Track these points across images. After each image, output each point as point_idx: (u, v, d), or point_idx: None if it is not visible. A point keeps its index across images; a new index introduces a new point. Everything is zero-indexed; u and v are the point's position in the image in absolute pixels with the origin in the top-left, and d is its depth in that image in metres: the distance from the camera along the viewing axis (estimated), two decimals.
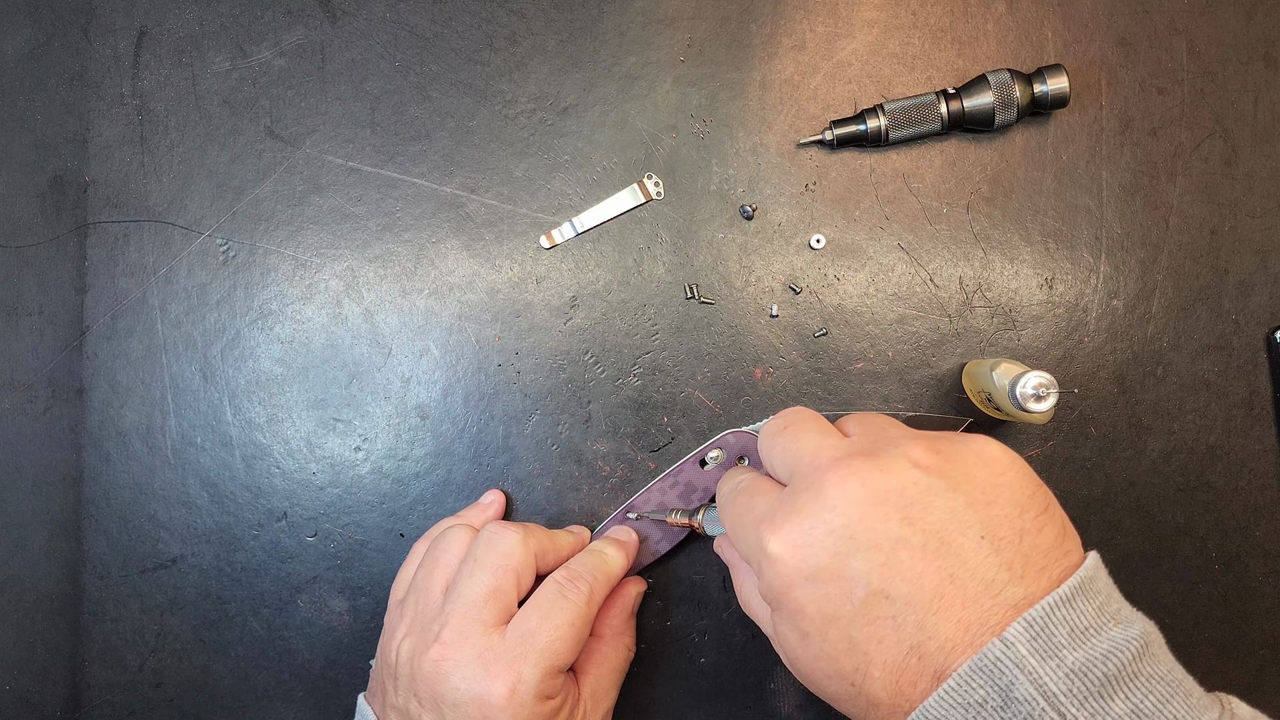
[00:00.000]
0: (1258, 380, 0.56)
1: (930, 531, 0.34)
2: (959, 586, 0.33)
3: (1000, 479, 0.36)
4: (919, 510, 0.34)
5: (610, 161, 0.56)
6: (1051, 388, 0.46)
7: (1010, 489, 0.35)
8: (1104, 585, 0.34)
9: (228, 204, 0.56)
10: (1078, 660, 0.31)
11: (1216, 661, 0.56)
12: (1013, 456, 0.37)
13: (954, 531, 0.34)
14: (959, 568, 0.33)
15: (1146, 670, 0.31)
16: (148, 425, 0.56)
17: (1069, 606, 0.32)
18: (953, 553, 0.34)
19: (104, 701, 0.57)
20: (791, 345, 0.56)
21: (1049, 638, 0.31)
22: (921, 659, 0.33)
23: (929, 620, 0.33)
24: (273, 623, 0.56)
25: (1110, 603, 0.33)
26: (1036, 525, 0.35)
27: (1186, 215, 0.56)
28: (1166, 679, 0.32)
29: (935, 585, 0.33)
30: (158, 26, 0.57)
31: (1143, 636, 0.32)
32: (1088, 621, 0.32)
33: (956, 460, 0.36)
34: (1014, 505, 0.35)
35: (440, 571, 0.47)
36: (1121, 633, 0.32)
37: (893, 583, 0.34)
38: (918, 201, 0.56)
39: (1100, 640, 0.32)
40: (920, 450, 0.36)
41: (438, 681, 0.43)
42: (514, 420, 0.56)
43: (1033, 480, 0.36)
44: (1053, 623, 0.32)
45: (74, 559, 0.56)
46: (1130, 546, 0.56)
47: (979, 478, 0.35)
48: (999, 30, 0.56)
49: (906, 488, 0.35)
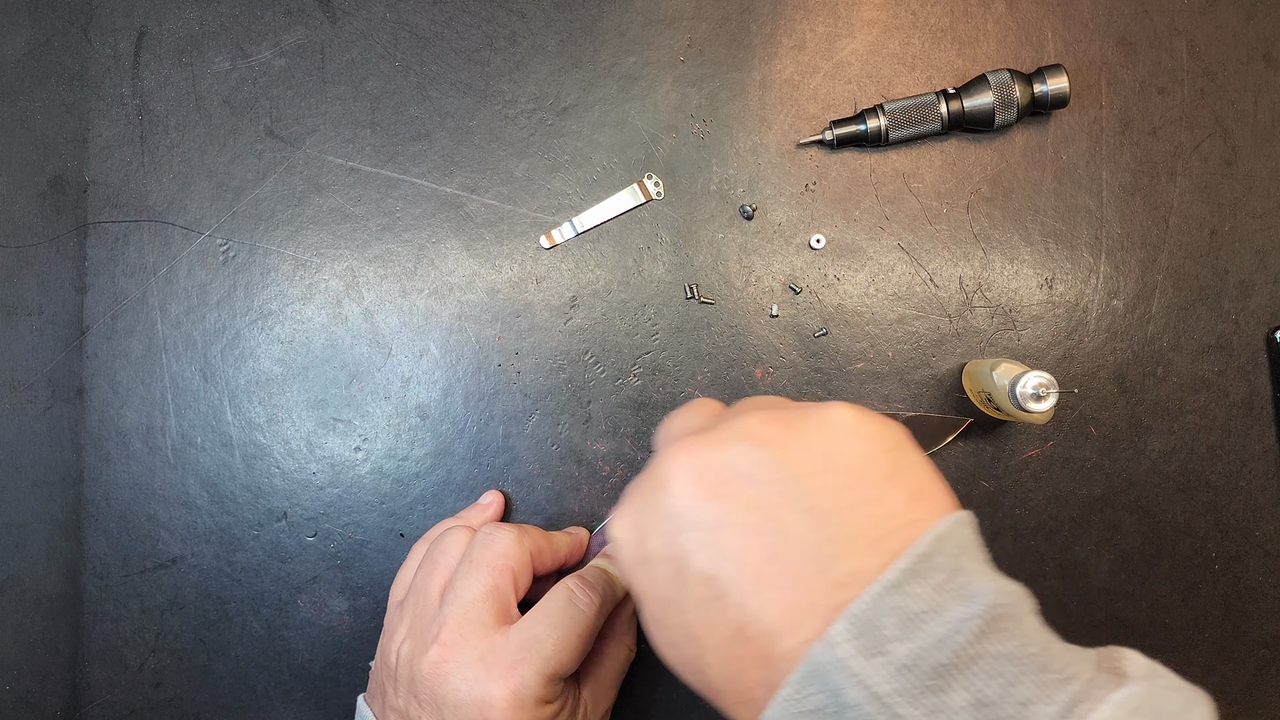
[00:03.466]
0: (1258, 380, 0.56)
1: (755, 507, 0.32)
2: (781, 565, 0.31)
3: (837, 445, 0.32)
4: (744, 485, 0.32)
5: (610, 161, 0.56)
6: (1051, 388, 0.46)
7: (847, 455, 0.32)
8: (948, 559, 0.30)
9: (228, 204, 0.56)
10: (907, 653, 0.28)
11: (1216, 661, 0.56)
12: (858, 420, 0.33)
13: (780, 506, 0.31)
14: (781, 545, 0.31)
15: (992, 650, 0.28)
16: (148, 425, 0.56)
17: (898, 592, 0.29)
18: (776, 529, 0.31)
19: (104, 701, 0.57)
20: (791, 345, 0.56)
21: (875, 632, 0.28)
22: (747, 643, 0.31)
23: (751, 602, 0.31)
24: (273, 623, 0.56)
25: (956, 577, 0.30)
26: (875, 494, 0.31)
27: (1186, 215, 0.56)
28: (1015, 656, 0.28)
29: (756, 564, 0.31)
30: (158, 26, 0.57)
31: (988, 611, 0.28)
32: (921, 605, 0.29)
33: (793, 429, 0.33)
34: (849, 473, 0.32)
35: (438, 573, 0.47)
36: (962, 611, 0.28)
37: (716, 563, 0.31)
38: (918, 201, 0.56)
39: (935, 625, 0.28)
40: (756, 421, 0.33)
41: (438, 683, 0.43)
42: (514, 420, 0.56)
43: (878, 445, 0.33)
44: (879, 613, 0.29)
45: (74, 559, 0.56)
46: (1130, 546, 0.56)
47: (813, 446, 0.32)
48: (999, 30, 0.56)
49: (734, 461, 0.32)
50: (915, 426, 0.55)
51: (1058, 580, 0.56)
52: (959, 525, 0.31)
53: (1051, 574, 0.56)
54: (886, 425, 0.34)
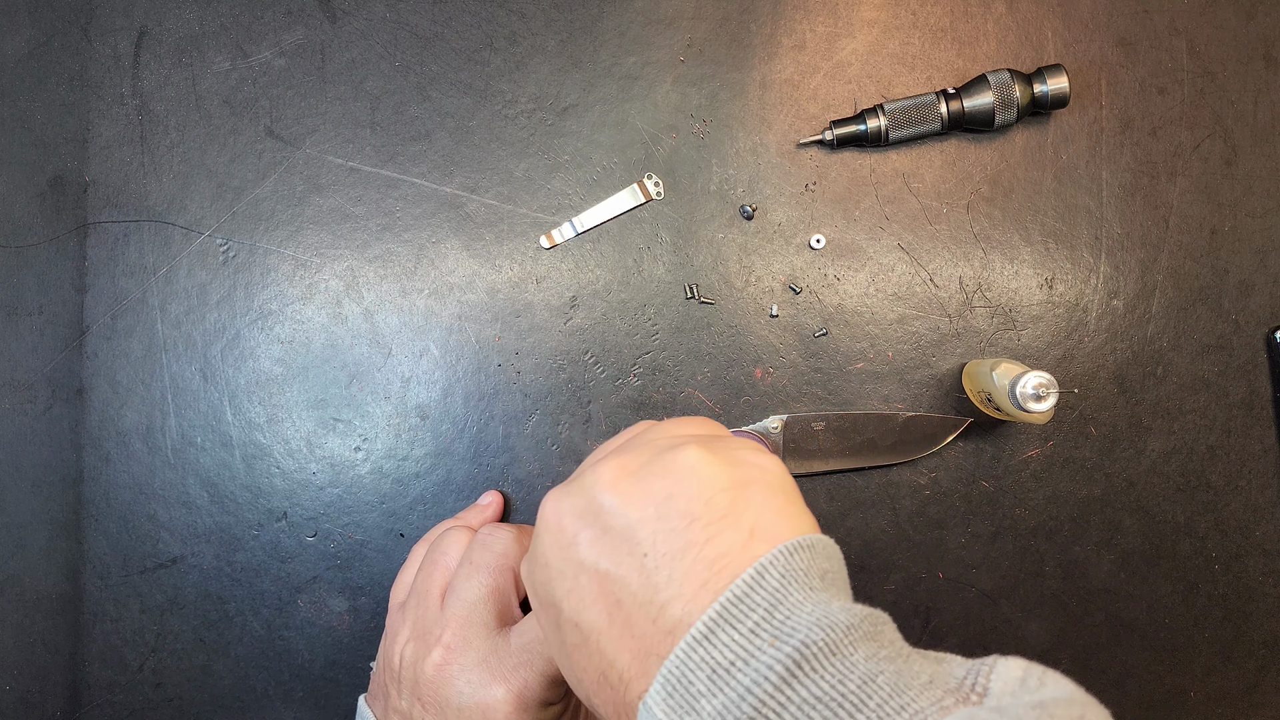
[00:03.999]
0: (1257, 380, 0.56)
1: (605, 554, 0.32)
2: (625, 612, 0.31)
3: (677, 488, 0.32)
4: (597, 533, 0.33)
5: (610, 161, 0.56)
6: (1051, 388, 0.46)
7: (685, 498, 0.32)
8: (766, 595, 0.29)
9: (228, 204, 0.56)
10: (714, 709, 0.27)
11: (1216, 662, 0.56)
12: (700, 461, 0.33)
13: (623, 553, 0.32)
14: (624, 591, 0.31)
15: (800, 694, 0.26)
16: (148, 425, 0.56)
17: (708, 643, 0.28)
18: (620, 576, 0.31)
19: (104, 701, 0.57)
20: (791, 345, 0.56)
21: (686, 688, 0.28)
22: (609, 687, 0.31)
23: (608, 648, 0.31)
24: (273, 623, 0.56)
25: (775, 613, 0.29)
26: (705, 535, 0.31)
27: (1186, 215, 0.56)
28: (827, 698, 0.26)
29: (606, 611, 0.32)
30: (158, 26, 0.57)
31: (797, 652, 0.27)
32: (733, 653, 0.28)
33: (638, 474, 0.34)
34: (684, 516, 0.32)
35: (439, 574, 0.47)
36: (770, 655, 0.27)
37: (579, 610, 0.32)
38: (918, 201, 0.56)
39: (742, 675, 0.27)
40: (608, 469, 0.34)
41: (442, 685, 0.43)
42: (514, 420, 0.56)
43: (715, 485, 0.32)
44: (690, 668, 0.28)
45: (74, 559, 0.56)
46: (1130, 546, 0.56)
47: (655, 490, 0.33)
48: (999, 30, 0.56)
49: (588, 510, 0.33)
50: (914, 427, 0.55)
51: (1058, 580, 0.56)
52: (788, 554, 0.30)
53: (1051, 574, 0.56)
54: (732, 464, 0.33)
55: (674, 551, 0.31)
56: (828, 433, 0.55)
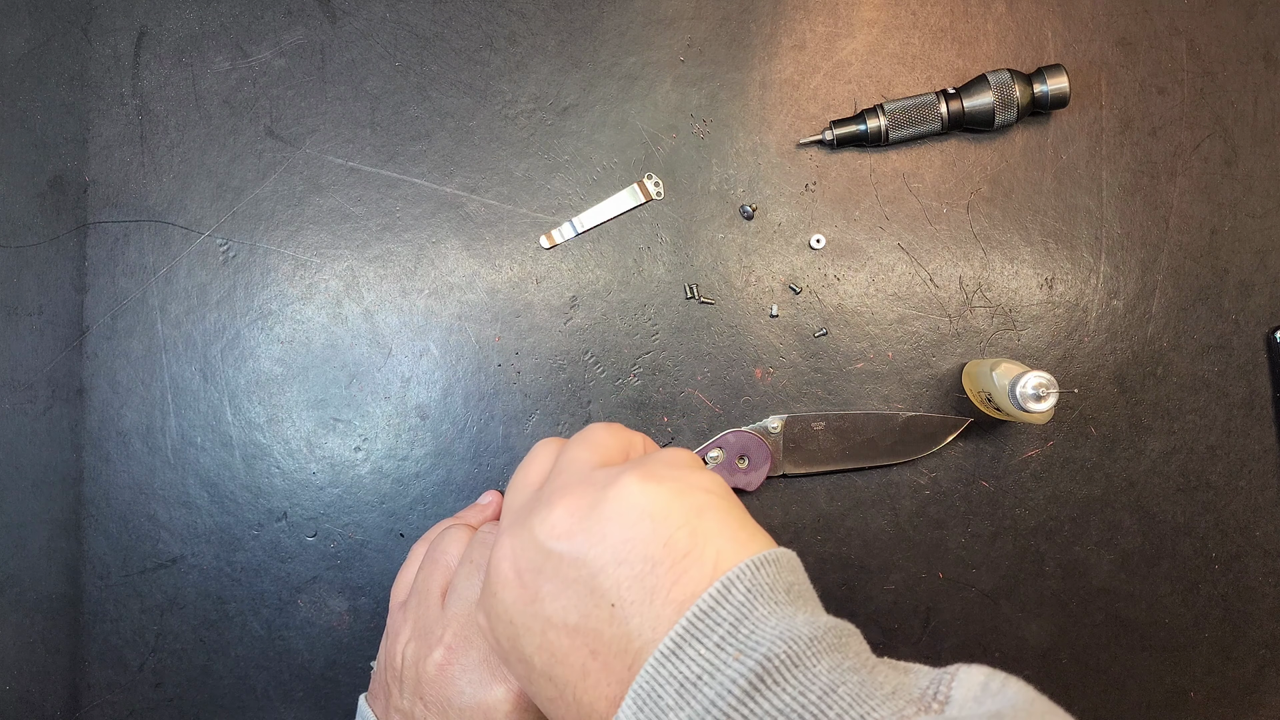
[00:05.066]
0: (1258, 380, 0.56)
1: (572, 608, 0.32)
2: (601, 661, 0.31)
3: (633, 532, 0.32)
4: (559, 585, 0.32)
5: (610, 161, 0.56)
6: (1051, 388, 0.46)
7: (642, 541, 0.32)
8: (732, 609, 0.29)
9: (228, 204, 0.56)
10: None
11: (1216, 662, 0.56)
12: (650, 499, 0.33)
13: (590, 605, 0.32)
14: (598, 643, 0.31)
15: (762, 707, 0.27)
16: (148, 425, 0.56)
17: (676, 659, 0.28)
18: (593, 629, 0.31)
19: (104, 702, 0.57)
20: (791, 345, 0.56)
21: (656, 703, 0.28)
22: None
23: (584, 698, 0.31)
24: (273, 623, 0.56)
25: (741, 627, 0.29)
26: (672, 578, 0.31)
27: (1186, 215, 0.56)
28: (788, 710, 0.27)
29: (581, 663, 0.32)
30: (158, 26, 0.57)
31: (760, 665, 0.27)
32: (700, 667, 0.28)
33: (589, 519, 0.33)
34: (646, 561, 0.31)
35: (439, 573, 0.47)
36: (735, 669, 0.27)
37: (550, 664, 0.32)
38: (918, 201, 0.56)
39: (707, 688, 0.28)
40: (559, 515, 0.34)
41: (444, 685, 0.43)
42: (514, 420, 0.56)
43: (671, 523, 0.32)
44: (659, 683, 0.28)
45: (74, 559, 0.56)
46: (1130, 546, 0.56)
47: (612, 535, 0.32)
48: (999, 30, 0.56)
49: (545, 563, 0.33)
50: (914, 427, 0.55)
51: (1058, 580, 0.56)
52: (754, 569, 0.30)
53: (1052, 574, 0.56)
54: (679, 494, 0.33)
55: (641, 598, 0.31)
56: (828, 433, 0.55)
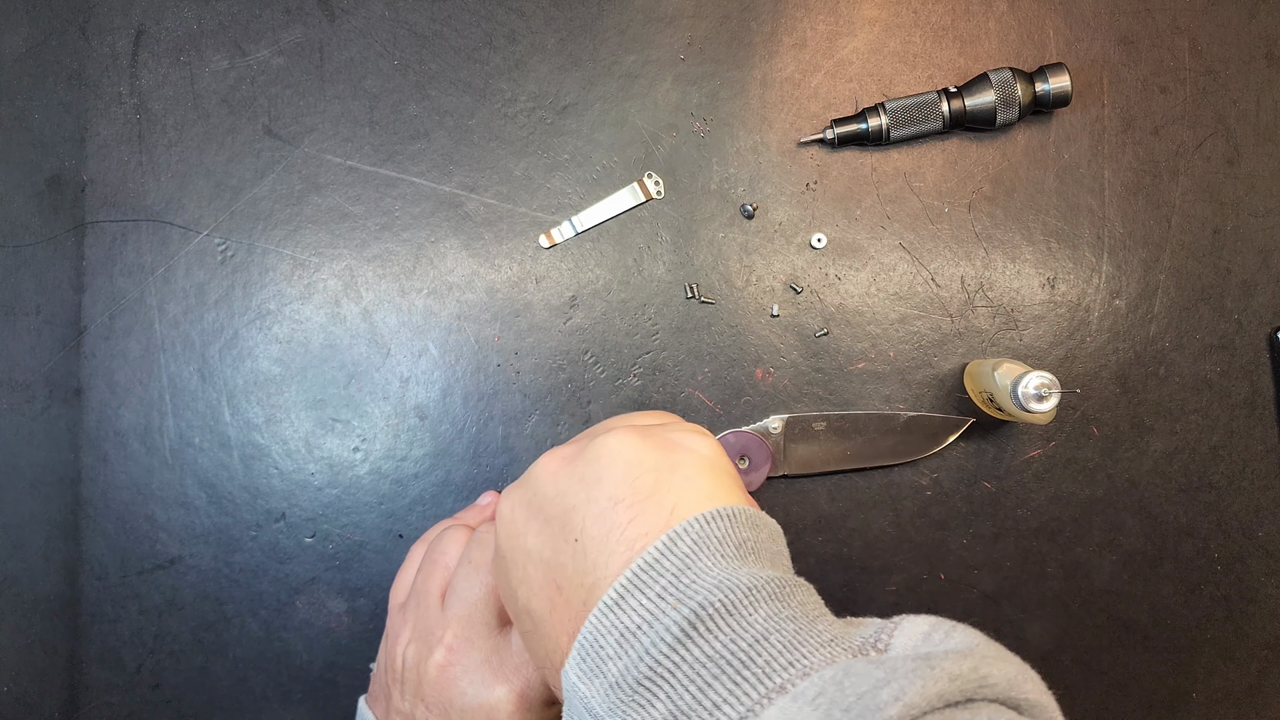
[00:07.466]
0: (1260, 380, 0.56)
1: (547, 543, 0.33)
2: (565, 596, 0.32)
3: (605, 472, 0.33)
4: (541, 522, 0.34)
5: (610, 160, 0.56)
6: (1053, 388, 0.46)
7: (610, 481, 0.33)
8: (677, 560, 0.29)
9: (226, 203, 0.56)
10: (618, 670, 0.28)
11: (1219, 663, 0.56)
12: (624, 444, 0.33)
13: (560, 540, 0.32)
14: (562, 576, 0.32)
15: (693, 654, 0.27)
16: (146, 425, 0.56)
17: (619, 609, 0.29)
18: (560, 563, 0.32)
19: (102, 703, 0.56)
20: (792, 345, 0.56)
21: (598, 652, 0.29)
22: (554, 672, 0.32)
23: (549, 632, 0.32)
24: (271, 624, 0.56)
25: (683, 577, 0.29)
26: (628, 516, 0.31)
27: (1189, 214, 0.56)
28: (718, 656, 0.26)
29: (549, 596, 0.32)
30: (156, 25, 0.56)
31: (696, 612, 0.27)
32: (640, 617, 0.28)
33: (573, 461, 0.34)
34: (610, 499, 0.32)
35: (438, 574, 0.47)
36: (670, 617, 0.28)
37: (529, 598, 0.33)
38: (919, 200, 0.56)
39: (644, 637, 0.28)
40: (550, 458, 0.35)
41: (445, 687, 0.43)
42: (513, 420, 0.56)
43: (640, 467, 0.33)
44: (600, 633, 0.29)
45: (72, 560, 0.56)
46: (1132, 547, 0.56)
47: (586, 475, 0.33)
48: (1001, 29, 0.56)
49: (533, 501, 0.34)
50: (915, 427, 0.55)
51: (1060, 581, 0.56)
52: (703, 523, 0.30)
53: (1053, 575, 0.56)
54: (661, 448, 0.34)
55: (600, 534, 0.32)
56: (829, 433, 0.54)
